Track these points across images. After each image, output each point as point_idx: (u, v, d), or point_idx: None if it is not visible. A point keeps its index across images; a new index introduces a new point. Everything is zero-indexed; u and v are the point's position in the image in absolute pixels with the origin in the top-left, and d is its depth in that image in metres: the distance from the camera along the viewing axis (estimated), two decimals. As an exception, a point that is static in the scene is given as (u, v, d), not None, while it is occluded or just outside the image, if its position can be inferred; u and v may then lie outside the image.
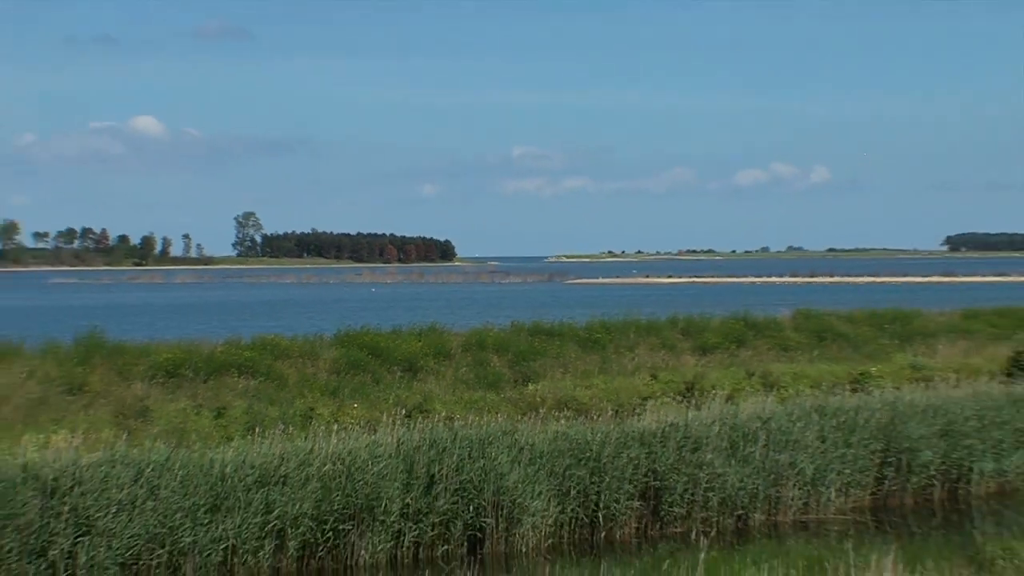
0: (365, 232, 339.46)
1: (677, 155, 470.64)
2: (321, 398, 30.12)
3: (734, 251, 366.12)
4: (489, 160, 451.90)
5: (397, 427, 24.66)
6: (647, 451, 24.65)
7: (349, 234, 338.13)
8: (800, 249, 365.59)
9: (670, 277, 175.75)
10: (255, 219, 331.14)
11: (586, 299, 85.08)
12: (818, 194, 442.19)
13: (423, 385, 32.61)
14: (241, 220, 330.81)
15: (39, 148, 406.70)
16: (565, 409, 29.18)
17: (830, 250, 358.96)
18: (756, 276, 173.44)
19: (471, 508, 22.95)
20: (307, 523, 21.79)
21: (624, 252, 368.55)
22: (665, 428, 25.44)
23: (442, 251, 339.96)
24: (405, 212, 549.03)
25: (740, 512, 25.14)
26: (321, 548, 22.03)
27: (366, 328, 38.01)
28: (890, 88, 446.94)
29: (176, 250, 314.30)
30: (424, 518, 22.60)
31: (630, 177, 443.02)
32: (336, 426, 25.22)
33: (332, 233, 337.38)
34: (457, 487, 22.86)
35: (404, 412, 26.96)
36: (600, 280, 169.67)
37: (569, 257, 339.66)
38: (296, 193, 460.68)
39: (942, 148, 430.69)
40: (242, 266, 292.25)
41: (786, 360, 38.37)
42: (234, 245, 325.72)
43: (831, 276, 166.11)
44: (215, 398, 30.04)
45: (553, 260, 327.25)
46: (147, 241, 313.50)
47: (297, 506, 21.70)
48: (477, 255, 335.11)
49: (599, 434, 24.82)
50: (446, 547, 22.78)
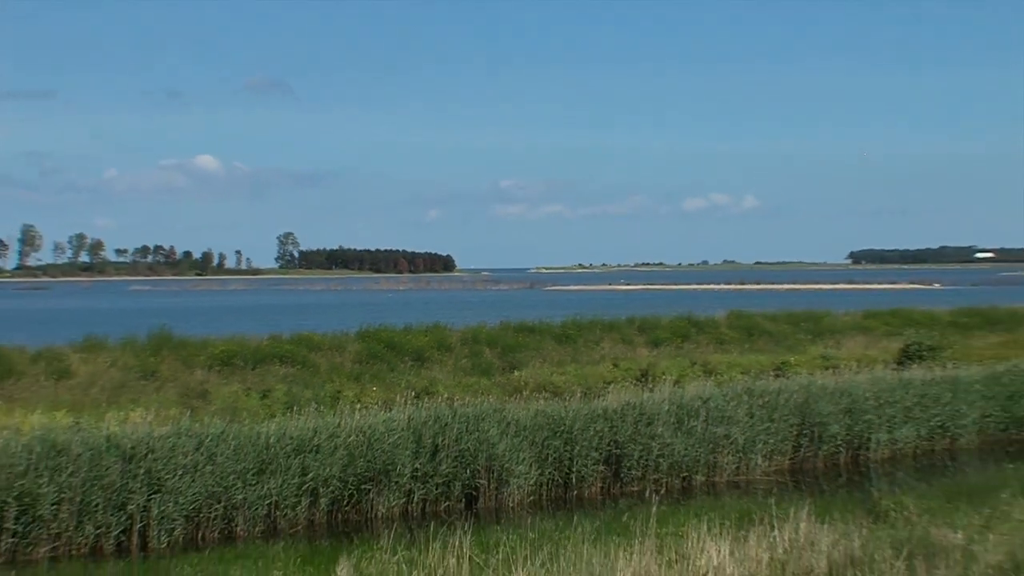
0: (382, 248, 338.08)
1: (635, 186, 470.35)
2: (346, 383, 30.16)
3: (679, 264, 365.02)
4: (481, 190, 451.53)
5: (408, 406, 24.73)
6: (610, 425, 24.72)
7: (369, 250, 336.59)
8: (733, 262, 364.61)
9: (628, 284, 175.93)
10: (293, 238, 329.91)
11: (561, 303, 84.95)
12: (748, 218, 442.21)
13: (429, 372, 32.64)
14: (282, 239, 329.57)
15: (120, 181, 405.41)
16: (543, 391, 29.25)
17: (757, 263, 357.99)
18: (698, 284, 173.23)
19: (468, 472, 23.03)
20: (335, 483, 21.89)
21: (592, 264, 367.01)
22: (624, 407, 25.49)
23: (444, 264, 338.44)
24: (414, 232, 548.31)
25: (685, 474, 25.23)
26: (346, 504, 22.12)
27: (383, 326, 37.99)
28: (804, 133, 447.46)
29: (229, 263, 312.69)
30: (430, 480, 22.70)
31: (596, 204, 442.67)
32: (359, 405, 25.25)
33: (355, 249, 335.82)
34: (456, 455, 22.93)
35: (414, 394, 27.05)
36: (573, 287, 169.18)
37: (547, 268, 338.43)
38: (326, 216, 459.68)
39: (846, 181, 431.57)
40: (282, 276, 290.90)
41: (722, 352, 38.45)
42: (276, 259, 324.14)
43: (758, 284, 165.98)
44: (261, 383, 30.10)
45: (534, 271, 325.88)
46: (206, 256, 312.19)
47: (327, 469, 21.79)
48: (472, 267, 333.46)
49: (571, 412, 24.88)
50: (447, 503, 22.87)
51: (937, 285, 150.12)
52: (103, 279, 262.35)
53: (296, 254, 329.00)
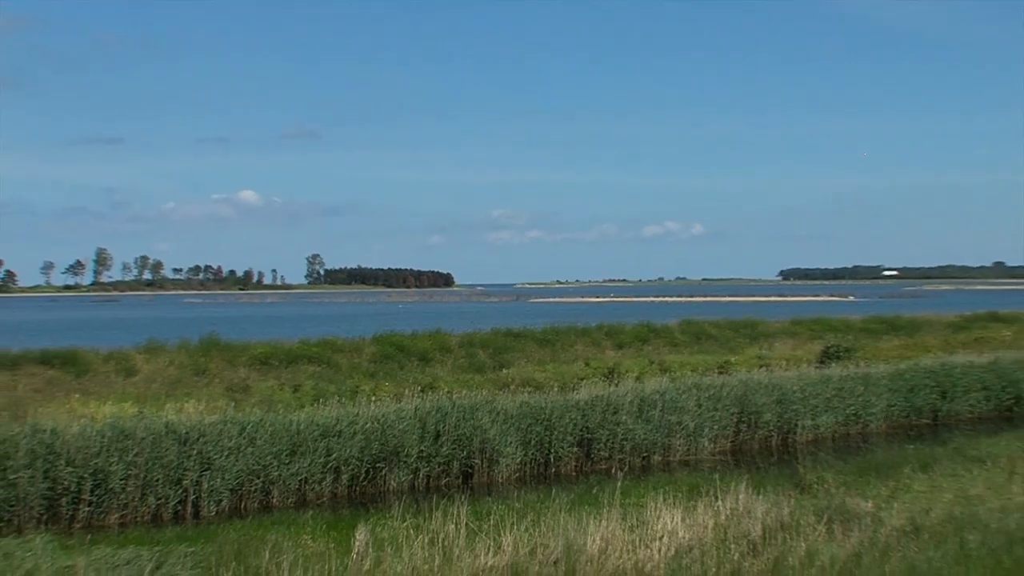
0: (393, 267, 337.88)
1: (603, 216, 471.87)
2: (363, 379, 30.09)
3: (639, 280, 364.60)
4: (476, 219, 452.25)
5: (414, 399, 24.78)
6: (582, 414, 24.72)
7: (382, 268, 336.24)
8: (684, 278, 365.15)
9: (597, 297, 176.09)
10: (320, 259, 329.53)
11: (541, 313, 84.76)
12: (696, 241, 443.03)
13: (432, 370, 32.58)
14: (310, 259, 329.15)
15: (176, 212, 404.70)
16: (527, 386, 29.22)
17: (704, 279, 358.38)
18: (654, 297, 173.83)
19: (464, 453, 23.04)
20: (354, 462, 21.88)
21: (567, 280, 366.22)
22: (594, 399, 25.50)
23: (445, 280, 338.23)
24: (420, 254, 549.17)
25: (644, 455, 25.25)
26: (363, 479, 22.10)
27: (393, 332, 37.91)
28: (742, 171, 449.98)
29: (267, 280, 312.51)
30: (432, 459, 22.70)
31: (571, 230, 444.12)
32: (374, 398, 25.24)
33: (371, 268, 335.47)
34: (455, 439, 22.93)
35: (419, 389, 27.08)
36: (551, 300, 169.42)
37: (530, 284, 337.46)
38: (347, 241, 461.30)
39: (777, 210, 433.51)
40: (310, 291, 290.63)
41: (675, 353, 38.42)
42: (305, 276, 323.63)
43: (704, 297, 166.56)
44: (292, 379, 30.04)
45: (519, 286, 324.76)
46: (247, 274, 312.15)
47: (348, 451, 21.79)
48: (469, 283, 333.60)
49: (550, 403, 24.89)
50: (447, 479, 22.86)
51: (851, 298, 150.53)
52: (162, 293, 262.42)
53: (322, 272, 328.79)
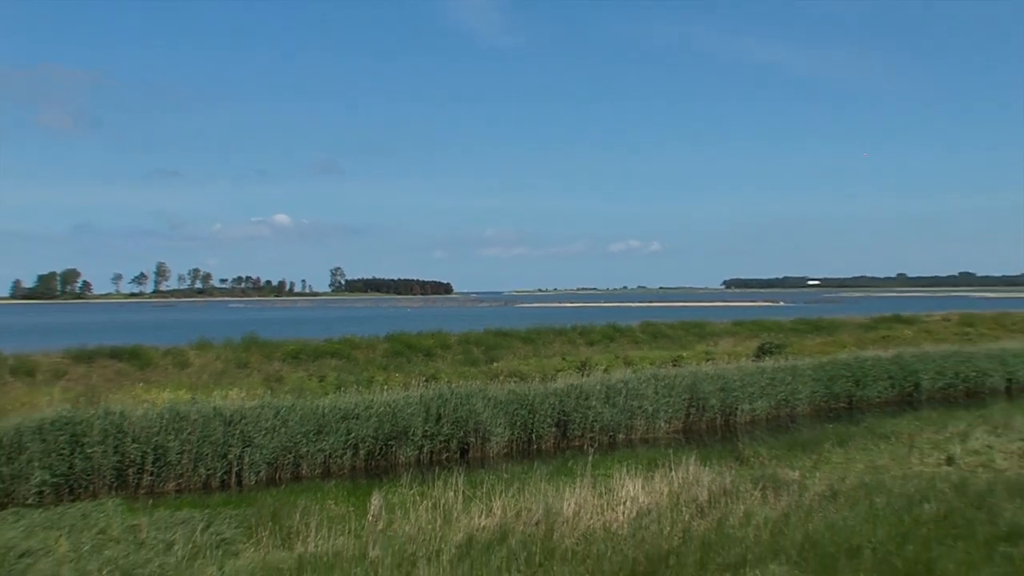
0: (402, 278, 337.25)
1: (578, 235, 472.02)
2: (378, 371, 30.06)
3: (607, 288, 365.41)
4: (472, 237, 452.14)
5: (420, 387, 24.76)
6: (559, 400, 24.73)
7: (393, 279, 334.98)
8: (644, 287, 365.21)
9: (572, 303, 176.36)
10: (341, 271, 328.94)
11: (526, 316, 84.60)
12: (654, 256, 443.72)
13: (434, 364, 32.58)
14: (333, 271, 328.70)
15: (223, 232, 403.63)
16: (514, 377, 29.20)
17: (661, 288, 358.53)
18: (620, 302, 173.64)
19: (461, 432, 23.02)
20: (370, 440, 21.86)
21: (548, 288, 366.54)
22: (569, 387, 25.50)
23: (445, 289, 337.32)
24: (424, 266, 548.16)
25: (611, 433, 25.25)
26: (378, 454, 22.05)
27: (402, 332, 37.98)
28: (692, 198, 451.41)
29: (297, 288, 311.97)
30: (435, 438, 22.68)
31: (551, 246, 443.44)
32: (386, 387, 25.25)
33: (384, 278, 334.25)
34: (453, 420, 22.92)
35: (424, 379, 27.05)
36: (535, 305, 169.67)
37: (517, 291, 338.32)
38: (364, 255, 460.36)
39: (722, 231, 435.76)
40: (333, 297, 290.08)
41: (636, 349, 38.52)
42: (329, 285, 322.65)
43: (661, 303, 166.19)
44: (319, 371, 30.01)
45: (508, 293, 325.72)
46: (281, 283, 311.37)
47: (364, 430, 21.78)
48: (465, 291, 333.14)
49: (532, 391, 24.88)
50: (447, 454, 22.82)
51: (782, 303, 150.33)
52: (210, 299, 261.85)
53: (343, 282, 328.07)
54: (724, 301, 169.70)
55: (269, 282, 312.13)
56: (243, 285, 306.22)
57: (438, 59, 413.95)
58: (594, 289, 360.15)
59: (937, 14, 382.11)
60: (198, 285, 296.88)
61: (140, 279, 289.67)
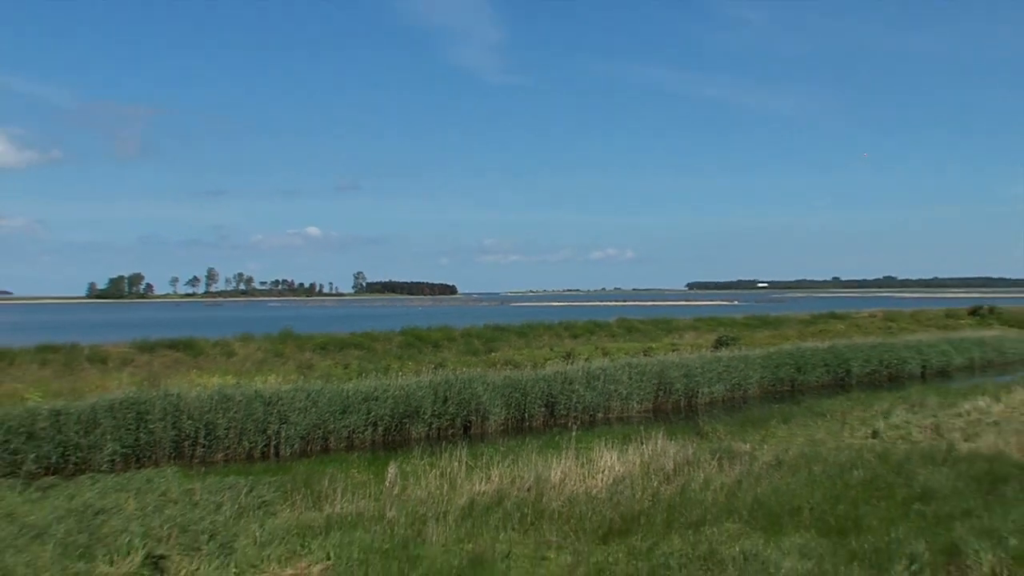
0: (414, 280, 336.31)
1: (564, 244, 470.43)
2: (393, 360, 29.98)
3: (588, 289, 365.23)
4: (474, 245, 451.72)
5: (429, 373, 24.76)
6: (548, 384, 24.70)
7: (406, 281, 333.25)
8: (620, 288, 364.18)
9: (559, 302, 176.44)
10: (362, 275, 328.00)
11: (520, 313, 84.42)
12: (628, 262, 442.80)
13: (442, 354, 32.53)
14: (356, 275, 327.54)
15: (263, 242, 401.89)
16: (509, 365, 29.20)
17: (634, 289, 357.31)
18: (599, 302, 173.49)
19: (464, 411, 22.96)
20: (387, 418, 21.79)
21: (539, 289, 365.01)
22: (556, 373, 25.48)
23: (450, 290, 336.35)
24: (433, 271, 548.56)
25: (591, 413, 25.19)
26: (394, 430, 21.97)
27: (414, 327, 37.97)
28: (659, 211, 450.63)
29: (325, 290, 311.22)
30: (442, 416, 22.61)
31: (541, 254, 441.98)
32: (400, 373, 25.21)
33: (399, 281, 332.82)
34: (458, 401, 22.87)
35: (433, 367, 27.03)
36: (527, 304, 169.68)
37: (512, 292, 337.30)
38: (382, 262, 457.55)
39: (685, 239, 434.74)
40: (356, 298, 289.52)
41: (613, 341, 38.53)
42: (352, 287, 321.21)
43: (634, 302, 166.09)
44: (344, 360, 29.94)
45: (504, 293, 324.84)
46: (311, 285, 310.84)
47: (382, 410, 21.71)
48: (467, 292, 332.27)
49: (525, 377, 24.84)
50: (452, 430, 22.73)
51: (736, 302, 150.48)
52: (252, 299, 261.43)
53: (364, 284, 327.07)
54: (687, 301, 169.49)
55: (301, 284, 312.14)
56: (279, 287, 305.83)
57: (444, 95, 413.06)
58: (577, 290, 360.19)
59: (863, 55, 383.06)
60: (242, 287, 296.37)
61: (193, 282, 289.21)
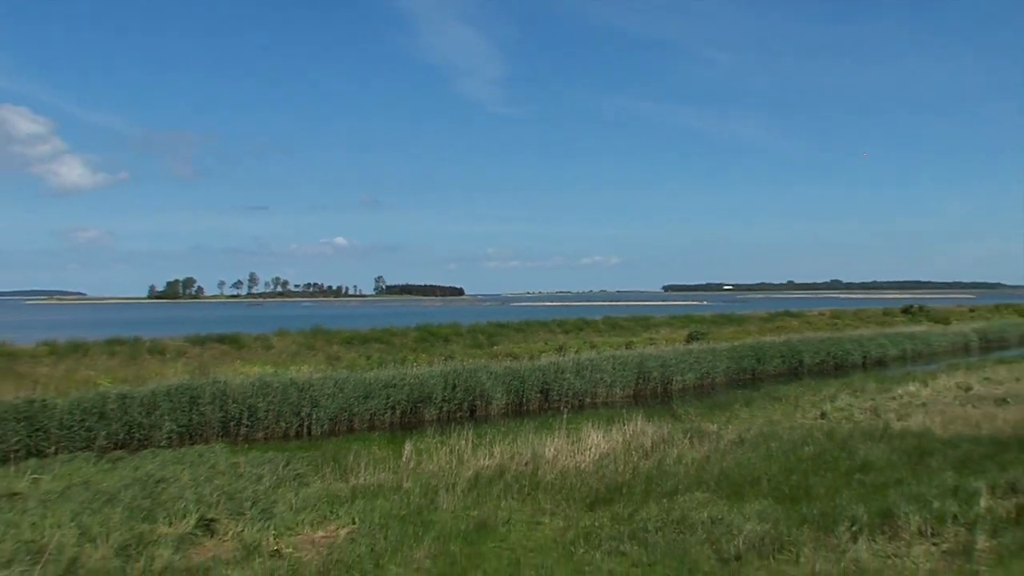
0: (427, 284, 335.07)
1: (557, 251, 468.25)
2: (409, 353, 29.98)
3: (579, 291, 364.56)
4: (479, 253, 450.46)
5: (440, 364, 24.76)
6: (543, 373, 24.74)
7: (420, 284, 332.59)
8: (605, 291, 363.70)
9: (552, 302, 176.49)
10: (382, 279, 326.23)
11: (519, 312, 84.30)
12: (613, 268, 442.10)
13: (450, 347, 32.51)
14: (377, 279, 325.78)
15: (298, 250, 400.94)
16: (509, 356, 29.19)
17: (618, 291, 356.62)
18: (587, 302, 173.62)
19: (470, 397, 22.97)
20: (404, 402, 21.79)
21: (535, 291, 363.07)
22: (550, 364, 25.52)
23: (459, 292, 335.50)
24: (443, 275, 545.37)
25: (581, 398, 25.26)
26: (409, 413, 21.97)
27: (427, 323, 38.00)
28: (639, 224, 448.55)
29: (350, 292, 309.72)
30: (451, 401, 22.61)
31: (537, 260, 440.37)
32: (415, 364, 25.22)
33: (414, 284, 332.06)
34: (464, 388, 22.89)
35: (443, 358, 27.01)
36: (525, 304, 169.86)
37: (512, 293, 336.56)
38: (399, 267, 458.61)
39: (661, 248, 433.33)
40: (376, 299, 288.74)
41: (599, 336, 38.58)
42: (374, 290, 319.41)
43: (618, 302, 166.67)
44: (366, 352, 29.91)
45: (505, 295, 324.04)
46: (339, 288, 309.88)
47: (399, 395, 21.72)
48: (473, 293, 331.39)
49: (523, 367, 24.89)
50: (460, 413, 22.70)
51: (705, 302, 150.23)
52: (288, 300, 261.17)
53: (384, 287, 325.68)
54: (663, 301, 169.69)
55: (330, 287, 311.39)
56: (311, 289, 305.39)
57: (454, 123, 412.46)
58: (568, 292, 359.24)
59: (813, 89, 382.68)
60: (279, 289, 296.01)
61: (237, 285, 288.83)
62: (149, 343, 27.61)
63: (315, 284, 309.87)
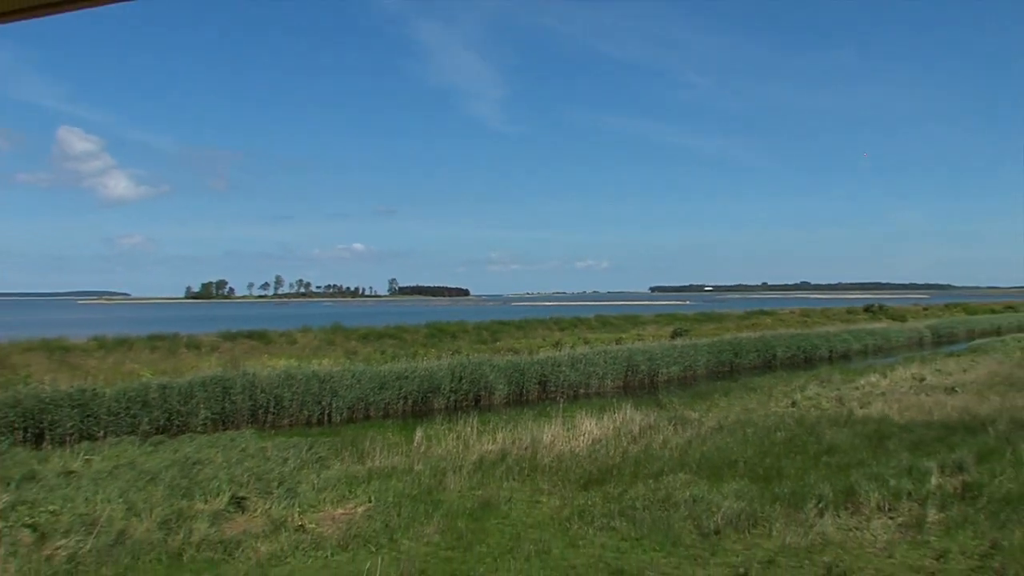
0: (436, 285, 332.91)
1: (553, 255, 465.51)
2: (420, 347, 29.81)
3: (574, 292, 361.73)
4: (483, 257, 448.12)
5: (448, 358, 24.63)
6: (541, 367, 24.59)
7: (430, 286, 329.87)
8: (597, 292, 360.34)
9: (549, 302, 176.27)
10: (396, 281, 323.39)
11: (520, 311, 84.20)
12: (605, 271, 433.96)
13: (458, 343, 32.37)
14: (391, 281, 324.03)
15: (320, 255, 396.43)
16: (510, 351, 29.08)
17: (609, 292, 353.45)
18: (581, 302, 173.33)
19: (475, 388, 22.82)
20: (415, 393, 21.68)
21: (534, 292, 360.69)
22: (547, 358, 25.38)
23: (464, 293, 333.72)
24: (451, 277, 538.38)
25: (575, 389, 25.01)
26: (420, 402, 21.83)
27: (436, 321, 37.90)
28: (625, 231, 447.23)
29: (367, 292, 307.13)
30: (458, 391, 22.46)
31: (536, 264, 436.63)
32: (425, 358, 25.11)
33: (424, 285, 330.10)
34: (470, 380, 22.74)
35: (450, 353, 26.90)
36: (525, 303, 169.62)
37: (513, 294, 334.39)
38: (411, 270, 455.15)
39: (649, 251, 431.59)
40: (391, 299, 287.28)
41: (592, 333, 38.37)
42: (388, 291, 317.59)
43: (609, 302, 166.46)
44: (381, 347, 29.74)
45: (507, 295, 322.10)
46: (356, 289, 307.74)
47: (411, 386, 21.60)
48: (478, 294, 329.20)
49: (523, 361, 24.74)
50: (466, 403, 22.52)
51: (688, 302, 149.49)
52: (310, 300, 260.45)
53: (397, 288, 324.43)
54: (650, 301, 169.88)
55: (348, 288, 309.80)
56: (331, 290, 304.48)
57: (461, 140, 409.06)
58: (564, 293, 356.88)
59: (785, 110, 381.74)
60: (302, 290, 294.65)
61: (265, 286, 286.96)
62: (186, 339, 27.64)
63: (335, 285, 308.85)
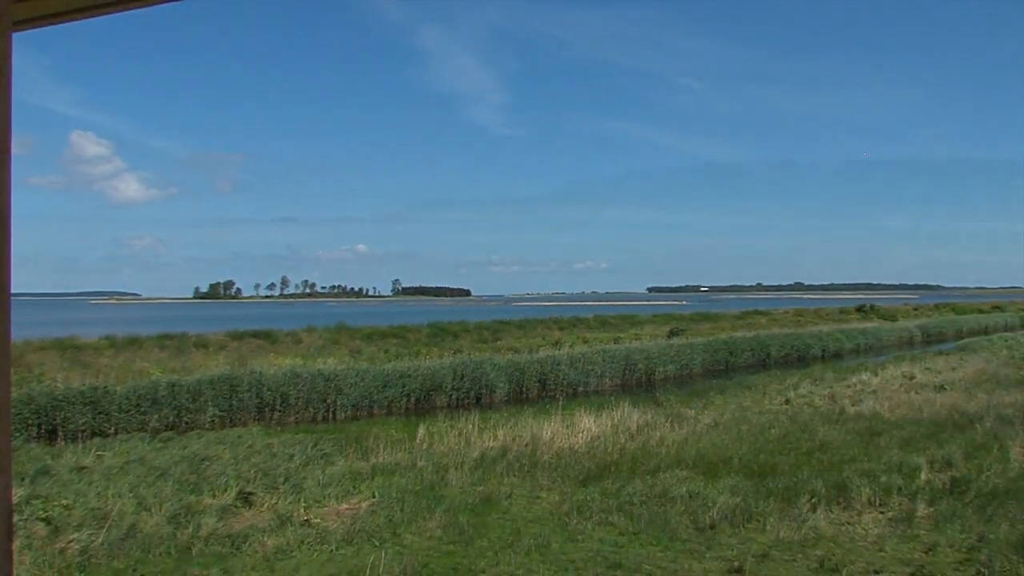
0: (439, 286, 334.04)
1: (552, 257, 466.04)
2: (422, 347, 29.77)
3: (573, 292, 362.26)
4: (483, 259, 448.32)
5: (450, 357, 24.60)
6: (541, 365, 24.52)
7: (433, 286, 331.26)
8: (596, 292, 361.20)
9: (549, 302, 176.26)
10: (399, 281, 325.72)
11: (520, 311, 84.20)
12: (603, 271, 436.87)
13: (459, 342, 32.41)
14: (394, 281, 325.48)
15: (324, 256, 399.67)
16: (511, 350, 29.09)
17: (607, 292, 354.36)
18: (580, 302, 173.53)
19: (477, 386, 22.74)
20: (417, 391, 21.62)
21: (533, 292, 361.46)
22: (547, 357, 25.30)
23: (467, 293, 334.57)
24: (453, 278, 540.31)
25: (574, 387, 24.88)
26: (423, 400, 21.76)
27: (438, 321, 37.91)
28: (623, 234, 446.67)
29: (370, 292, 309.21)
30: (459, 390, 22.38)
31: (535, 265, 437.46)
32: (427, 357, 25.10)
33: (427, 286, 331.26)
34: (472, 378, 22.67)
35: (452, 352, 26.87)
36: (525, 303, 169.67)
37: (514, 294, 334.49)
38: (414, 270, 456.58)
39: (647, 253, 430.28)
40: (394, 299, 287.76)
41: (591, 332, 38.39)
42: (391, 291, 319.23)
43: (607, 302, 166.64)
44: (384, 346, 29.77)
45: (508, 295, 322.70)
46: (360, 289, 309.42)
47: (414, 384, 21.52)
48: (480, 294, 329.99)
49: (523, 360, 24.68)
50: (467, 400, 22.44)
51: (684, 302, 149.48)
52: (315, 300, 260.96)
53: (400, 288, 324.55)
54: (647, 301, 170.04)
55: (352, 288, 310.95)
56: (336, 290, 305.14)
57: (462, 144, 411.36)
58: (563, 293, 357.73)
59: (778, 115, 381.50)
60: (307, 290, 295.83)
61: (271, 286, 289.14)
62: (194, 338, 27.69)
63: (339, 286, 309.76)
